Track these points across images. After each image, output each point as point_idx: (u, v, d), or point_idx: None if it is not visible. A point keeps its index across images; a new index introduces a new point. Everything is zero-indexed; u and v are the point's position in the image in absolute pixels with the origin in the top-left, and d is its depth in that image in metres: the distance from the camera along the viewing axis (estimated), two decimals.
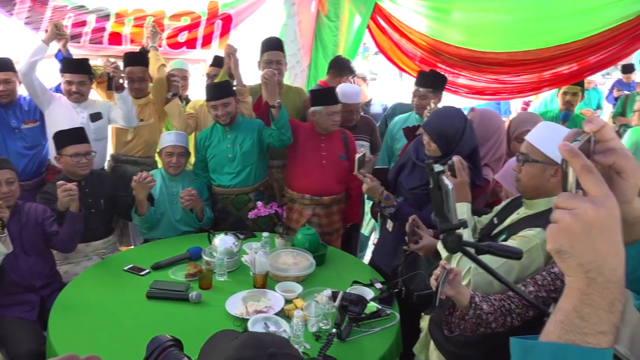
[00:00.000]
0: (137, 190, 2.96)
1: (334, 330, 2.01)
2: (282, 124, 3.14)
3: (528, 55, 4.03)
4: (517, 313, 1.67)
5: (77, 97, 3.40)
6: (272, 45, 3.49)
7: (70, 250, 2.85)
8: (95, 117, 3.47)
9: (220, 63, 3.70)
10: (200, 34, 4.50)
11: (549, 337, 0.62)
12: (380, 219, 3.21)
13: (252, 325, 2.09)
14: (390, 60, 4.68)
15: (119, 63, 3.54)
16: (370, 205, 3.32)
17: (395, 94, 7.94)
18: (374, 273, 2.72)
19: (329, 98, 3.22)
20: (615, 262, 0.60)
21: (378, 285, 2.53)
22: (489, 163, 2.78)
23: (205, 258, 2.67)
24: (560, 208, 0.63)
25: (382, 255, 2.88)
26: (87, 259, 3.03)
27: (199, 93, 4.19)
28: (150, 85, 3.73)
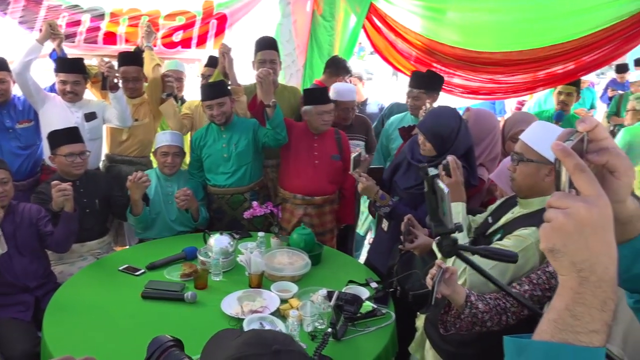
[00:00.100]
0: (132, 190, 2.96)
1: (330, 330, 2.01)
2: (277, 124, 3.13)
3: (523, 55, 4.04)
4: (512, 312, 1.68)
5: (71, 96, 3.39)
6: (265, 45, 3.48)
7: (65, 251, 2.84)
8: (90, 116, 3.46)
9: (215, 63, 3.69)
10: (195, 34, 4.49)
11: (542, 335, 0.62)
12: (376, 219, 3.21)
13: (247, 325, 2.09)
14: (386, 60, 4.69)
15: (114, 62, 3.53)
16: (368, 204, 3.32)
17: (391, 94, 7.94)
18: (370, 272, 2.72)
19: (319, 98, 3.21)
20: (608, 260, 0.60)
21: (373, 285, 2.54)
22: (484, 163, 2.79)
23: (201, 258, 2.67)
24: (553, 207, 0.63)
25: (377, 255, 2.88)
26: (82, 259, 3.02)
27: (194, 93, 4.18)
28: (145, 85, 3.72)
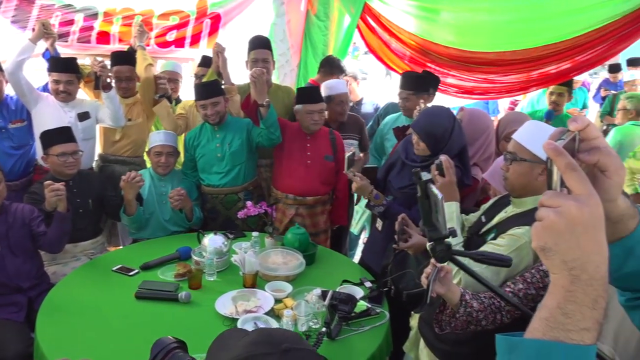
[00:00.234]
0: (125, 190, 2.95)
1: (324, 329, 2.00)
2: (270, 123, 3.13)
3: (516, 55, 4.06)
4: (506, 310, 1.69)
5: (64, 96, 3.37)
6: (258, 44, 3.47)
7: (58, 251, 2.82)
8: (83, 116, 3.44)
9: (208, 63, 3.68)
10: (189, 33, 4.48)
11: (534, 333, 0.63)
12: (370, 218, 3.21)
13: (241, 325, 2.09)
14: (380, 60, 4.70)
15: (107, 62, 3.51)
16: (366, 203, 3.32)
17: (384, 93, 7.95)
18: (364, 272, 2.72)
19: (309, 97, 3.20)
20: (599, 259, 0.61)
21: (368, 284, 2.54)
22: (478, 162, 2.80)
23: (195, 258, 2.66)
24: (545, 206, 0.63)
25: (371, 254, 2.89)
26: (75, 260, 3.00)
27: (187, 92, 4.17)
28: (138, 85, 3.71)
